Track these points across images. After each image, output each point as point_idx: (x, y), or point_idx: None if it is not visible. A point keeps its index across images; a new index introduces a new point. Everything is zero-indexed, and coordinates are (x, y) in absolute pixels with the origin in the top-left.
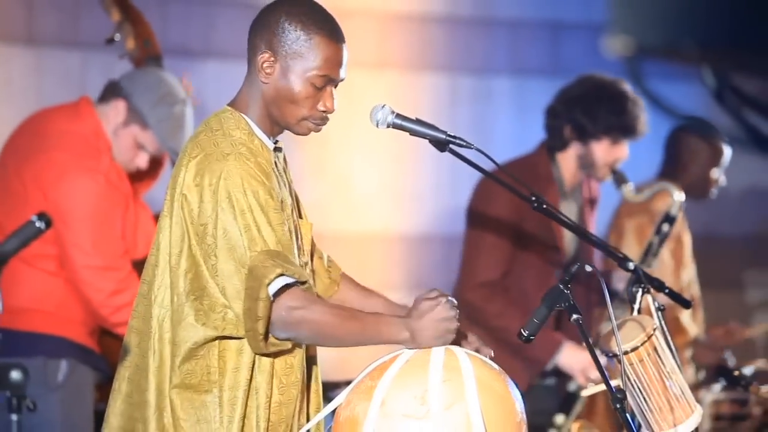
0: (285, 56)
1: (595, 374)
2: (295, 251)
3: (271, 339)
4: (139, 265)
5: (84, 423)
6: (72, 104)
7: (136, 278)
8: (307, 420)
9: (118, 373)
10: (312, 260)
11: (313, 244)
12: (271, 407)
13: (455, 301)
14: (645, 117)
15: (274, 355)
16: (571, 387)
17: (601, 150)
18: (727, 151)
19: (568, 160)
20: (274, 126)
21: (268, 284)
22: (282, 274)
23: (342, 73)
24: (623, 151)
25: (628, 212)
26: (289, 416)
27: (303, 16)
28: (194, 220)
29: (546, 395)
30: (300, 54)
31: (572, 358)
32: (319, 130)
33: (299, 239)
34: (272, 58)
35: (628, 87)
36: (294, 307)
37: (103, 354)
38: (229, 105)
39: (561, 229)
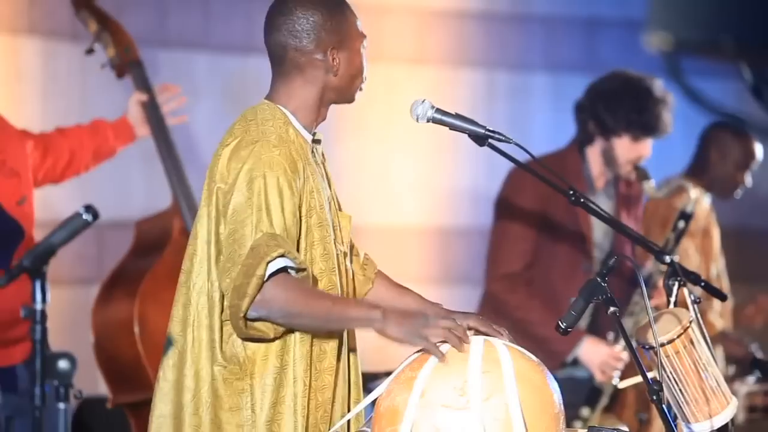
0: (340, 44)
1: (613, 369)
2: (332, 241)
3: (249, 322)
4: None
5: None
6: None
7: None
8: (348, 410)
9: (164, 362)
10: (351, 254)
11: (350, 240)
12: (309, 394)
13: (454, 325)
14: (669, 116)
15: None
16: (596, 381)
17: (623, 146)
18: (759, 155)
19: (594, 156)
20: (320, 117)
21: (269, 262)
22: (283, 255)
23: None
24: (645, 148)
25: (654, 208)
26: (327, 402)
27: (328, 4)
28: (221, 205)
29: (575, 387)
30: (346, 35)
31: (592, 352)
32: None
33: (339, 230)
34: (335, 52)
35: (656, 84)
36: (269, 289)
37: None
38: (266, 99)
39: (590, 222)
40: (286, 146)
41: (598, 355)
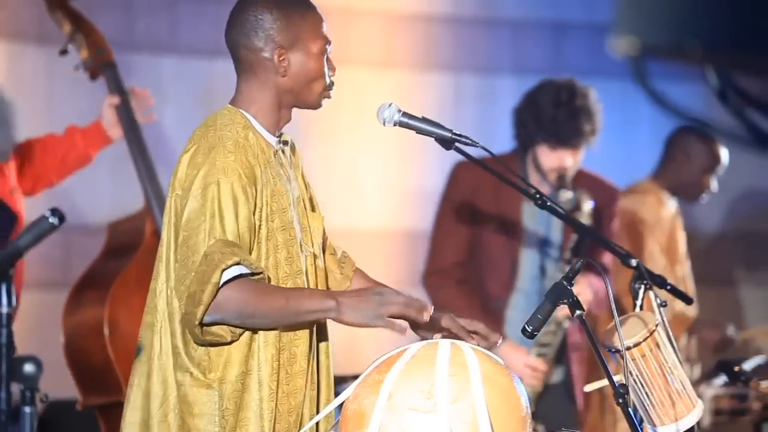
0: (292, 45)
1: (528, 377)
2: (298, 244)
3: (205, 327)
4: None
5: None
6: None
7: None
8: (317, 412)
9: (135, 369)
10: (324, 255)
11: (325, 239)
12: (279, 398)
13: (401, 296)
14: (590, 127)
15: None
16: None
17: (543, 154)
18: (725, 160)
19: (530, 164)
20: (281, 119)
21: (224, 269)
22: (239, 263)
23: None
24: (566, 158)
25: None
26: (299, 405)
27: (285, 4)
28: (179, 211)
29: None
30: (302, 37)
31: (508, 357)
32: (330, 97)
33: (309, 231)
34: (283, 52)
35: (582, 94)
36: (224, 293)
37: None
38: (230, 103)
39: (520, 216)
40: (242, 151)
41: (513, 361)
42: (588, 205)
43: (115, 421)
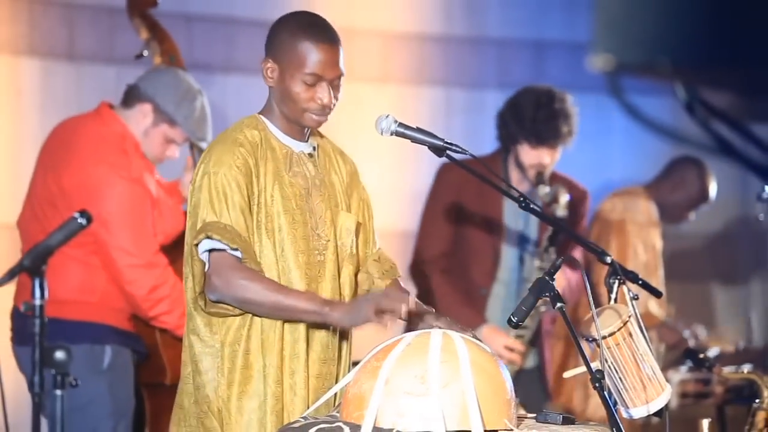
0: (282, 62)
1: (506, 358)
2: (309, 228)
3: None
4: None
5: (128, 399)
6: (93, 111)
7: (171, 272)
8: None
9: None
10: (357, 250)
11: (367, 236)
12: (281, 360)
13: (385, 300)
14: (567, 128)
15: (214, 317)
16: None
17: (523, 153)
18: (712, 199)
19: (512, 164)
20: (291, 123)
21: (196, 244)
22: (208, 237)
23: (332, 71)
24: (544, 156)
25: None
26: (301, 369)
27: (294, 27)
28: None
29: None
30: (291, 58)
31: (489, 338)
32: (323, 120)
33: (333, 224)
34: (273, 65)
35: (560, 98)
36: (217, 273)
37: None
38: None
39: (502, 215)
40: (241, 147)
41: (493, 343)
42: (564, 198)
43: (158, 400)
